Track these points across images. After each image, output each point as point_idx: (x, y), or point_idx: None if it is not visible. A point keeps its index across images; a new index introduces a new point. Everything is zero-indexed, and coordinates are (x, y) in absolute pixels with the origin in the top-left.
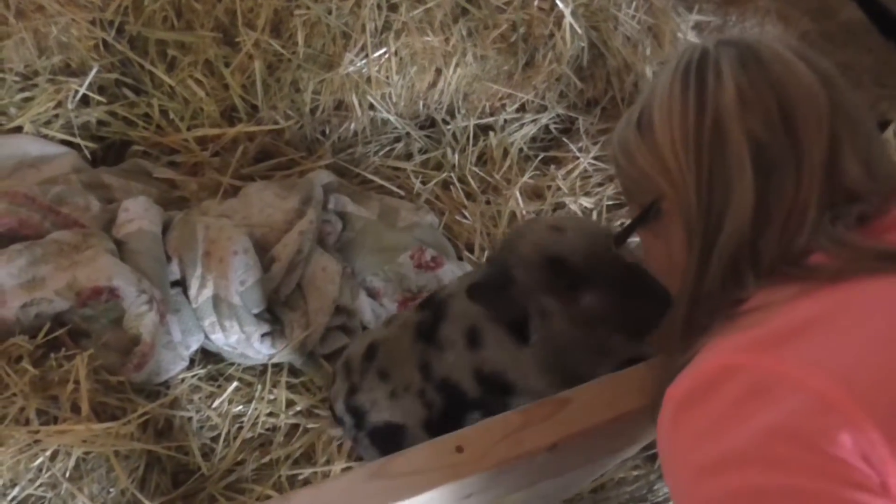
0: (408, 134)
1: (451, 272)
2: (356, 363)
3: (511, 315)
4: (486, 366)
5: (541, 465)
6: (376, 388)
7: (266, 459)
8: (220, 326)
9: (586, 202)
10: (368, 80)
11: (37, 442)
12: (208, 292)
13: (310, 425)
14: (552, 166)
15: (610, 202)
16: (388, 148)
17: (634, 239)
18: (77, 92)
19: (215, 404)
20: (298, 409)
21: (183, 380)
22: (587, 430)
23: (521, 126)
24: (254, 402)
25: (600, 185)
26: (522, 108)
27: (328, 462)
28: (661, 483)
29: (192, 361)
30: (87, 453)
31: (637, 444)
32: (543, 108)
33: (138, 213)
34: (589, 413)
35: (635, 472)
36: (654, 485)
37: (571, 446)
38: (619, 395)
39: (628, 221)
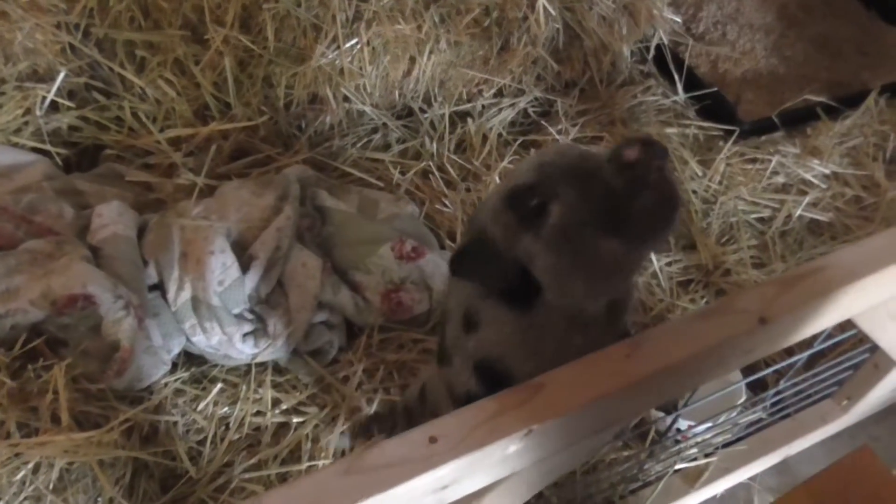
0: (384, 124)
1: (433, 262)
2: (414, 407)
3: (502, 279)
4: (479, 353)
5: (518, 452)
6: None
7: (254, 460)
8: (200, 328)
9: None
10: (342, 71)
11: (18, 455)
12: (186, 294)
13: (298, 420)
14: (532, 150)
15: None
16: (365, 140)
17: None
18: (45, 98)
19: (200, 407)
20: (284, 407)
21: (166, 384)
22: (563, 414)
23: (500, 111)
24: (239, 402)
25: None
26: (500, 93)
27: (312, 459)
28: (651, 462)
29: (174, 365)
30: (70, 464)
31: (617, 424)
32: (521, 92)
33: (112, 218)
34: (564, 397)
35: (626, 452)
36: (644, 464)
37: (547, 432)
38: (593, 377)
39: None
